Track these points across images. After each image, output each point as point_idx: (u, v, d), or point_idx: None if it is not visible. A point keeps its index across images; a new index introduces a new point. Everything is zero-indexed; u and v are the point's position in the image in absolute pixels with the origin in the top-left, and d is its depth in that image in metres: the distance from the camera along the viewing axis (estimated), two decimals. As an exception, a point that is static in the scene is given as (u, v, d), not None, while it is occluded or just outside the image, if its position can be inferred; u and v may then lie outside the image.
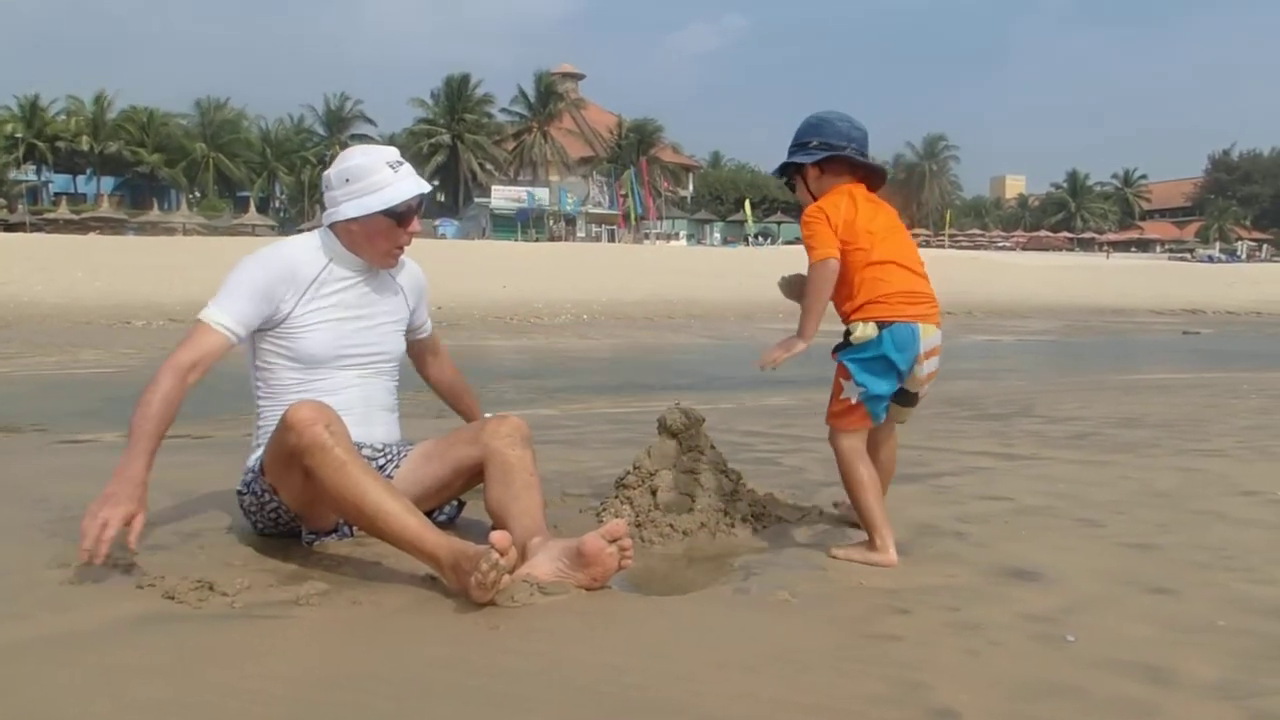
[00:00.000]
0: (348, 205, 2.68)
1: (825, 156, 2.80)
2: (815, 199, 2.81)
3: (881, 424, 2.82)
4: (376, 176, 2.66)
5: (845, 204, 2.74)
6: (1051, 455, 4.35)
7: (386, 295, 2.86)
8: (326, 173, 2.76)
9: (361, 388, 2.77)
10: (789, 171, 2.90)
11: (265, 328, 2.69)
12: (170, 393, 2.49)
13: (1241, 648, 2.02)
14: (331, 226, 2.75)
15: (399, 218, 2.70)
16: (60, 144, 58.33)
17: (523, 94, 66.04)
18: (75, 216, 47.67)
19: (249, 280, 2.64)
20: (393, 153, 2.76)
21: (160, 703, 1.74)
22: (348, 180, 2.68)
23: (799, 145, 2.84)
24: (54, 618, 2.13)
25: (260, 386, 2.77)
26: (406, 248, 2.82)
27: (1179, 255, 65.65)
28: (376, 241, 2.73)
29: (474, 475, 2.68)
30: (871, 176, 2.86)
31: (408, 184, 2.69)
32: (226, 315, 2.61)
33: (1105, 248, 71.58)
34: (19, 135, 56.36)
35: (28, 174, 59.90)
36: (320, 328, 2.70)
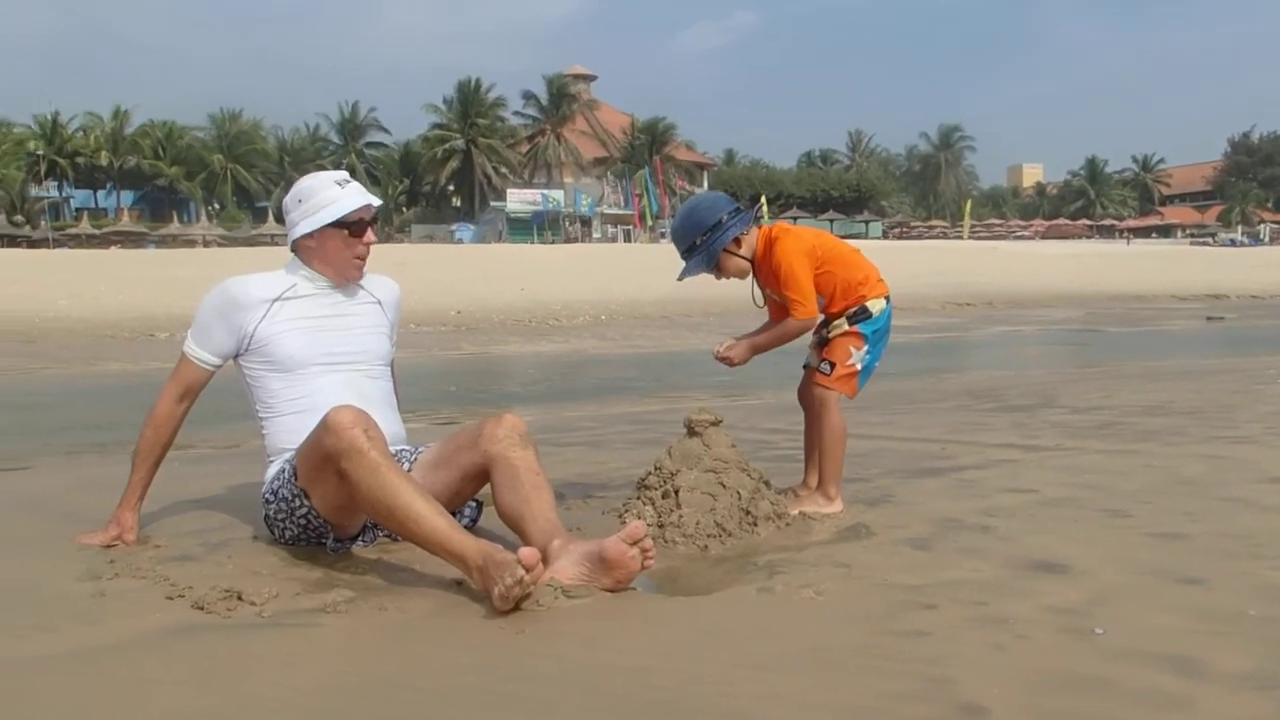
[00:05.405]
0: (303, 223, 2.88)
1: (744, 222, 3.00)
2: (752, 259, 3.06)
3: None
4: (325, 194, 2.87)
5: (797, 241, 3.01)
6: (1076, 446, 4.32)
7: (361, 304, 3.03)
8: (284, 199, 2.96)
9: (351, 388, 2.83)
10: (715, 258, 3.01)
11: (240, 351, 2.86)
12: (162, 424, 2.85)
13: (1273, 636, 2.00)
14: (294, 247, 2.93)
15: (350, 228, 2.86)
16: (80, 159, 58.90)
17: (534, 97, 66.12)
18: (97, 231, 48.24)
19: (207, 313, 2.88)
20: (341, 174, 2.97)
21: (190, 713, 1.75)
22: (300, 201, 2.89)
23: (709, 232, 2.98)
24: (83, 630, 2.15)
25: (258, 404, 2.90)
26: (366, 260, 2.98)
27: (1201, 240, 64.85)
28: (334, 254, 2.90)
29: (482, 478, 2.71)
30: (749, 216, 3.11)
31: (354, 198, 2.88)
32: (201, 348, 2.86)
33: (1125, 234, 70.89)
34: (40, 152, 56.91)
35: (49, 191, 60.53)
36: (292, 334, 2.84)
